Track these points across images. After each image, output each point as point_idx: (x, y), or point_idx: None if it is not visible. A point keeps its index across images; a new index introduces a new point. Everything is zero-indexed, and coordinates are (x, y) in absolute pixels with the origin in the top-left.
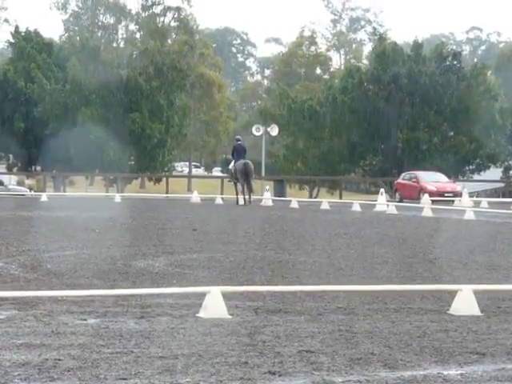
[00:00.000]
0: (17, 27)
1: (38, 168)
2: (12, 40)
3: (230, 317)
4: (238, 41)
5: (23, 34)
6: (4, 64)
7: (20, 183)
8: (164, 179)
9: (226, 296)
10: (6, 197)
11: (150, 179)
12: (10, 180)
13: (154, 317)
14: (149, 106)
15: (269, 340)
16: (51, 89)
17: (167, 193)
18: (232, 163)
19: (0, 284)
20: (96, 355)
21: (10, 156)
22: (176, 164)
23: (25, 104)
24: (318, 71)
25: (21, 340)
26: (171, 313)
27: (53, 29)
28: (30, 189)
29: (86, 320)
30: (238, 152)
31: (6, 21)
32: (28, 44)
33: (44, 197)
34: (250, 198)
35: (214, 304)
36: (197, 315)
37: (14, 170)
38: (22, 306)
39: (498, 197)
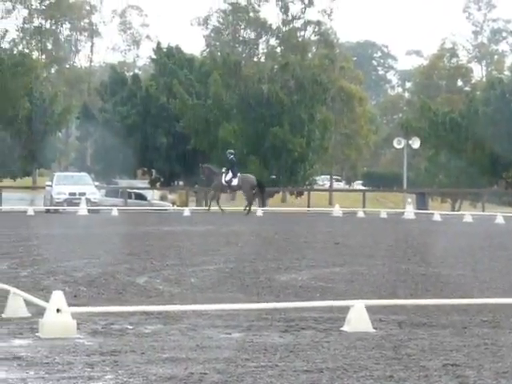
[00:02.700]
0: (158, 43)
1: (181, 183)
2: (154, 56)
3: (374, 330)
4: (379, 54)
5: (165, 50)
6: (146, 80)
7: (163, 198)
8: (305, 193)
9: (370, 309)
10: (149, 212)
11: (291, 193)
12: (153, 195)
13: (299, 330)
14: (290, 119)
15: (413, 353)
16: (193, 104)
17: (309, 206)
18: (229, 174)
19: (145, 298)
20: (241, 369)
21: (153, 171)
22: (317, 178)
23: (167, 119)
24: (460, 83)
25: (166, 354)
26: (315, 326)
27: (194, 44)
28: (173, 203)
29: (230, 334)
30: (235, 165)
31: (148, 37)
32: (170, 60)
33: (187, 211)
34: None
35: (358, 318)
36: (341, 329)
37: (157, 184)
38: (167, 320)
39: None
